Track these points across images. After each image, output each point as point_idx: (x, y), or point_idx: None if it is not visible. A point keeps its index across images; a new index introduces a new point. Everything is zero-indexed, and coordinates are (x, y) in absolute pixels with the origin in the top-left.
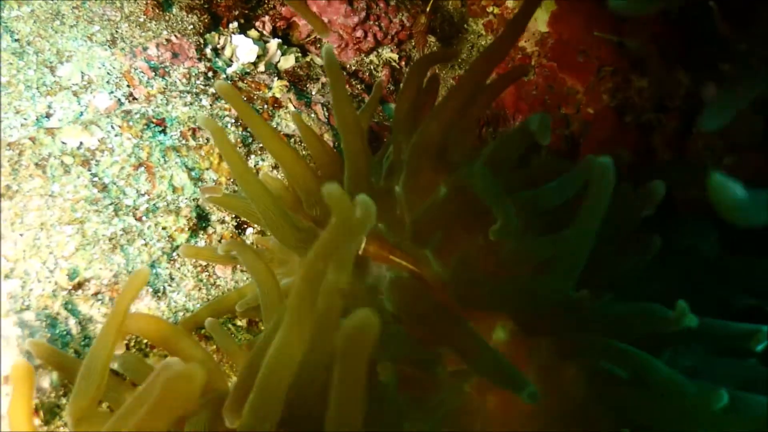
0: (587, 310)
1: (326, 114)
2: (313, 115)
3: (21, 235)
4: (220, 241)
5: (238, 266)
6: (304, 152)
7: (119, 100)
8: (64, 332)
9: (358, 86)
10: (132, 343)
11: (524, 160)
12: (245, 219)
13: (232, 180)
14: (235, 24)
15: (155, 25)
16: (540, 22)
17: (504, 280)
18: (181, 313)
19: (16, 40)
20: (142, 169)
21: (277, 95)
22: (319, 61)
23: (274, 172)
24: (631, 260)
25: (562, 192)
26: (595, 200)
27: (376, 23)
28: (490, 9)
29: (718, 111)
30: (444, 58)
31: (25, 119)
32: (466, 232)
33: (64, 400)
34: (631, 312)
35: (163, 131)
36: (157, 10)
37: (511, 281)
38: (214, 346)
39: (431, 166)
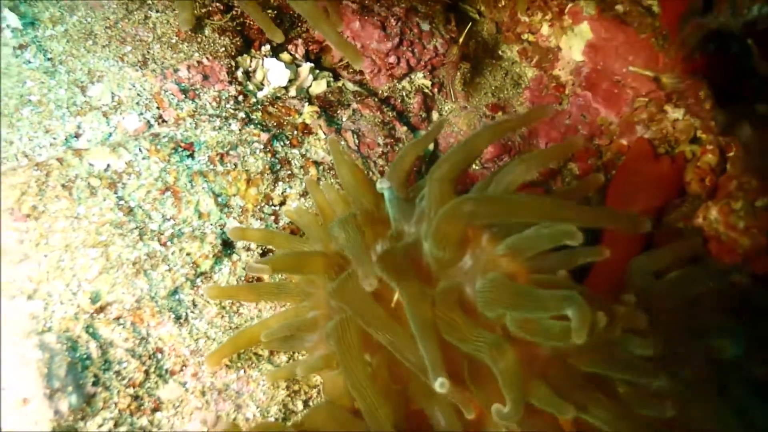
0: None
1: (356, 141)
2: (343, 143)
3: (45, 256)
4: (244, 269)
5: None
6: (332, 180)
7: (148, 122)
8: (85, 356)
9: (390, 113)
10: None
11: None
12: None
13: (259, 207)
14: (267, 47)
15: (187, 46)
16: (575, 51)
17: None
18: (202, 341)
19: (48, 59)
20: (169, 193)
21: (307, 121)
22: (351, 86)
23: (302, 199)
24: None
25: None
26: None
27: (410, 49)
28: (525, 36)
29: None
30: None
31: (54, 139)
32: None
33: (81, 424)
34: None
35: (191, 156)
36: (190, 32)
37: None
38: None
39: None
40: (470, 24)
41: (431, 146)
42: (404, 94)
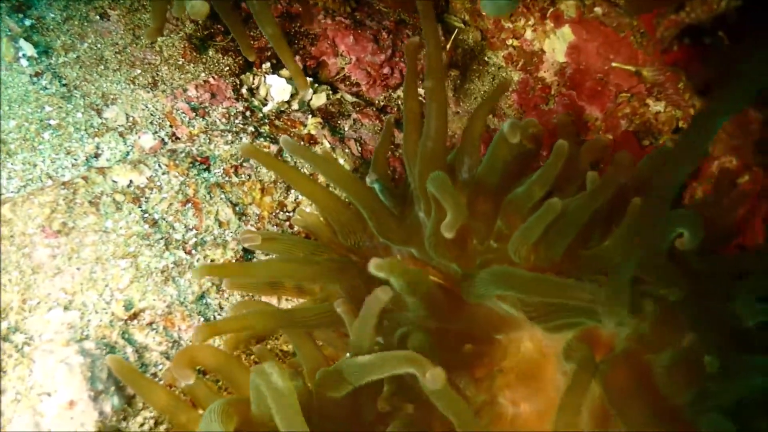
0: None
1: (359, 149)
2: (347, 150)
3: (78, 269)
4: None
5: (284, 297)
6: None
7: (163, 139)
8: (124, 360)
9: None
10: None
11: None
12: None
13: (274, 214)
14: (268, 64)
15: (193, 67)
16: (558, 53)
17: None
18: None
19: (64, 85)
20: (190, 205)
21: (312, 132)
22: (349, 97)
23: (309, 208)
24: None
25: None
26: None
27: (402, 59)
28: (509, 42)
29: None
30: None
31: (75, 159)
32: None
33: (124, 424)
34: None
35: (207, 169)
36: (194, 53)
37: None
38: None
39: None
40: (456, 31)
41: None
42: (400, 102)
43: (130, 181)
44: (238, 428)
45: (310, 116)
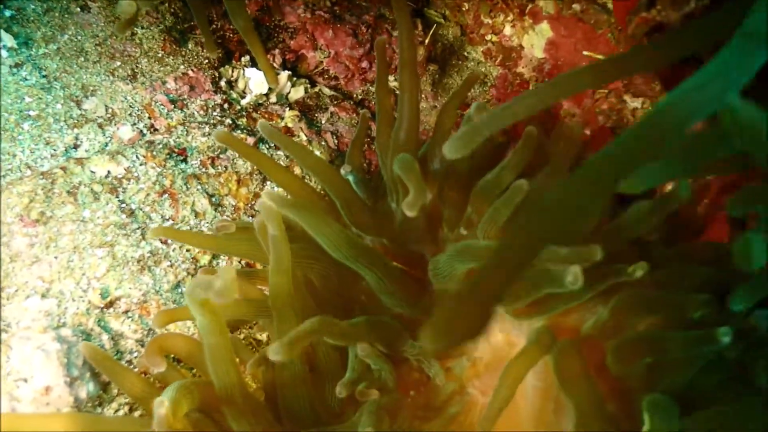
0: None
1: (336, 141)
2: (323, 143)
3: (56, 258)
4: (240, 262)
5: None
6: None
7: (141, 131)
8: (98, 347)
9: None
10: None
11: None
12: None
13: (250, 205)
14: (247, 57)
15: (173, 59)
16: (537, 48)
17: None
18: None
19: (44, 76)
20: (166, 195)
21: (289, 125)
22: (327, 91)
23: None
24: None
25: None
26: None
27: None
28: (488, 37)
29: None
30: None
31: (54, 150)
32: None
33: (99, 410)
34: None
35: (185, 160)
36: (174, 46)
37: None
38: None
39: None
40: (435, 26)
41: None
42: None
43: (108, 172)
44: (201, 408)
45: (287, 109)
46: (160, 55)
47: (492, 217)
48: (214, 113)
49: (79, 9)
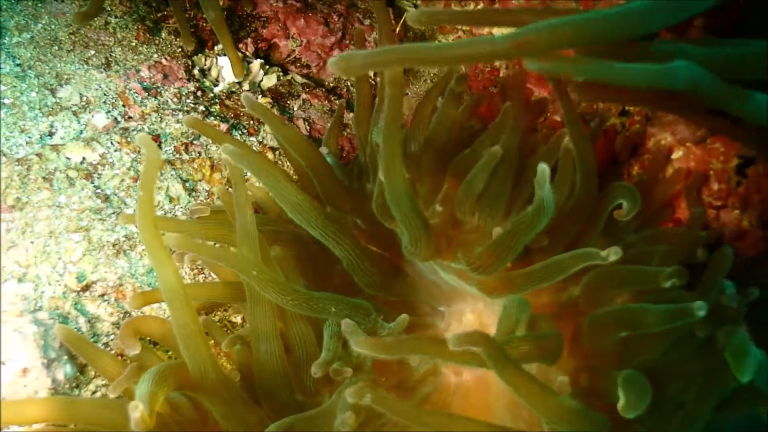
0: None
1: (308, 128)
2: (295, 129)
3: (32, 242)
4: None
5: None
6: (287, 164)
7: (116, 118)
8: (75, 330)
9: (337, 101)
10: None
11: None
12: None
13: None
14: (220, 46)
15: (146, 48)
16: None
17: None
18: None
19: (18, 65)
20: None
21: None
22: (299, 79)
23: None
24: None
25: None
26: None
27: (352, 42)
28: (459, 26)
29: None
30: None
31: (29, 137)
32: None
33: (76, 391)
34: None
35: (159, 146)
36: (148, 35)
37: None
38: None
39: None
40: (406, 14)
41: None
42: (350, 83)
43: (83, 158)
44: (179, 388)
45: (260, 96)
46: (133, 44)
47: (467, 187)
48: (188, 101)
49: None
